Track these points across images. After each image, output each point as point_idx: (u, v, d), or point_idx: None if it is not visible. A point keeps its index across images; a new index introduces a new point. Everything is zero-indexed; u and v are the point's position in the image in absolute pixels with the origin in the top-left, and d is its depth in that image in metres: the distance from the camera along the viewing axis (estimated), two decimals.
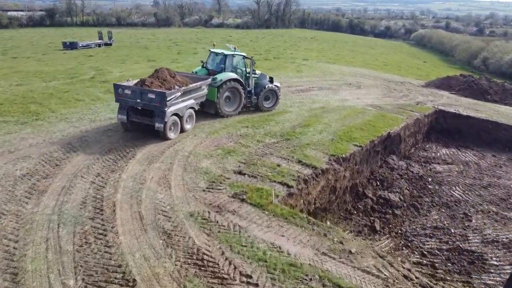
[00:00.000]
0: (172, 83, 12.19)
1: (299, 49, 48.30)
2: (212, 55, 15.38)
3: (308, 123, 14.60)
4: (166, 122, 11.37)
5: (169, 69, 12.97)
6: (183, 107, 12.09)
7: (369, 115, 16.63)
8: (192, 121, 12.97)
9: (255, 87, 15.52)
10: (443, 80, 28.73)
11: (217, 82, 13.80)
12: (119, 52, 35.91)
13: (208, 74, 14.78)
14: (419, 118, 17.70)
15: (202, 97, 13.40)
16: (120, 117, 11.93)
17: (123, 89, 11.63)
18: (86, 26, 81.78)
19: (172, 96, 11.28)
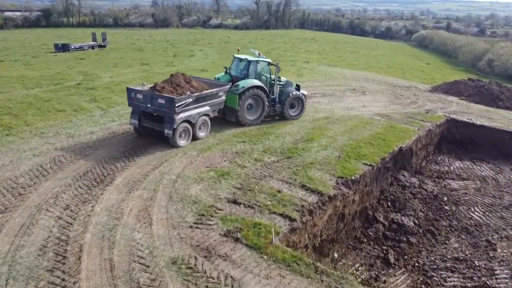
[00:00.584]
0: (186, 88, 11.69)
1: (300, 51, 46.93)
2: (235, 61, 14.85)
3: (312, 136, 13.21)
4: (175, 129, 10.99)
5: (184, 74, 12.46)
6: (195, 114, 11.63)
7: (378, 126, 15.24)
8: (207, 128, 12.47)
9: (280, 94, 14.80)
10: (451, 84, 27.37)
11: (238, 89, 13.17)
12: (112, 55, 34.51)
13: (231, 80, 14.20)
14: (431, 129, 16.33)
15: (219, 104, 12.80)
16: (132, 122, 11.80)
17: (135, 93, 11.40)
18: (83, 27, 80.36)
19: (182, 102, 10.88)
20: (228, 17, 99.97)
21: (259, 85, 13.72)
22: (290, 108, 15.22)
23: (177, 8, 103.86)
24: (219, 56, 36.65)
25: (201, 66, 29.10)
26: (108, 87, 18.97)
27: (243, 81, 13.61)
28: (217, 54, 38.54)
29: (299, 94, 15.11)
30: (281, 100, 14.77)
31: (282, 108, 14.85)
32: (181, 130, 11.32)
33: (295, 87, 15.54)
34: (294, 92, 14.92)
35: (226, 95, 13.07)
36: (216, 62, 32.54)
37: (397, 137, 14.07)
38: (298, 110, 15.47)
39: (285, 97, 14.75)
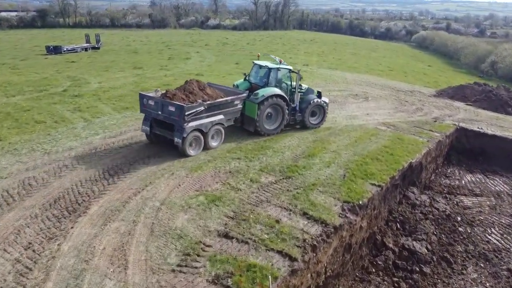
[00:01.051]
0: (199, 96, 11.28)
1: (299, 52, 45.83)
2: (255, 67, 14.24)
3: (313, 151, 12.07)
4: (185, 138, 10.65)
5: (199, 81, 12.03)
6: (207, 123, 11.23)
7: (384, 138, 14.12)
8: (220, 138, 12.01)
9: (300, 102, 14.26)
10: (456, 89, 26.27)
11: (258, 98, 12.63)
12: (105, 57, 33.32)
13: (250, 88, 13.72)
14: (441, 140, 15.22)
15: (235, 113, 12.30)
16: (143, 129, 11.61)
17: (147, 100, 11.18)
18: (79, 28, 79.16)
19: (192, 111, 10.54)
20: (227, 18, 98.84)
21: (280, 93, 13.11)
22: (311, 116, 14.65)
23: (174, 8, 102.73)
24: (216, 59, 35.52)
25: (197, 70, 27.95)
26: (95, 94, 17.81)
27: (263, 89, 13.01)
28: (214, 56, 37.40)
29: (321, 101, 14.53)
30: (302, 108, 14.20)
31: (302, 117, 14.29)
32: (191, 139, 10.95)
33: (316, 94, 14.92)
34: (316, 100, 14.35)
35: (244, 103, 12.57)
36: (212, 65, 31.42)
37: (406, 151, 12.95)
38: (319, 118, 14.90)
39: (306, 105, 14.18)
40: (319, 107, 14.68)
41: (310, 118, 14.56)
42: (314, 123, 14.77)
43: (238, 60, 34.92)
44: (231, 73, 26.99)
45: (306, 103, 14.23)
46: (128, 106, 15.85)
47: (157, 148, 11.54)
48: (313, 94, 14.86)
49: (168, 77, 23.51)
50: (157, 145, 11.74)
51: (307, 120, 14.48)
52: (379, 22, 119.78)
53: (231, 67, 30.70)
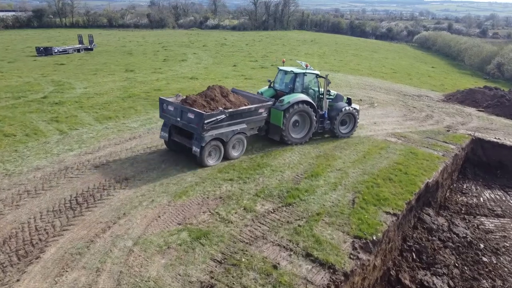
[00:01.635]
0: (221, 103, 10.65)
1: (299, 54, 44.37)
2: (280, 73, 13.58)
3: (317, 170, 10.60)
4: (203, 147, 10.07)
5: (222, 87, 11.33)
6: (229, 132, 10.61)
7: (395, 152, 12.65)
8: (241, 148, 11.33)
9: (329, 110, 13.50)
10: (466, 93, 24.81)
11: (283, 104, 11.94)
12: (97, 59, 31.86)
13: (275, 95, 13.10)
14: (457, 154, 13.75)
15: (259, 121, 11.62)
16: (162, 135, 11.15)
17: (167, 105, 10.75)
18: (76, 28, 77.83)
19: (212, 119, 9.93)
20: (226, 18, 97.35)
21: (307, 100, 12.37)
22: (341, 125, 13.83)
23: (173, 8, 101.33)
24: (213, 61, 34.08)
25: (192, 73, 26.49)
26: (78, 101, 16.35)
27: (288, 95, 12.30)
28: (211, 58, 35.95)
29: (352, 109, 13.68)
30: (331, 116, 13.41)
31: (331, 125, 13.52)
32: (210, 149, 10.36)
33: (346, 101, 14.14)
34: (347, 108, 13.55)
35: (270, 111, 11.90)
36: (209, 67, 29.97)
37: (421, 168, 11.47)
38: (349, 127, 14.04)
39: (336, 113, 13.38)
40: (349, 115, 13.81)
41: (340, 127, 13.69)
42: (344, 132, 13.90)
43: (236, 62, 33.49)
44: (228, 76, 25.56)
45: (336, 111, 13.39)
46: (111, 115, 14.39)
47: (139, 166, 10.09)
48: (343, 101, 14.05)
49: (160, 81, 22.06)
50: (141, 163, 10.29)
51: (337, 129, 13.63)
52: (379, 22, 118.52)
53: (229, 69, 29.26)
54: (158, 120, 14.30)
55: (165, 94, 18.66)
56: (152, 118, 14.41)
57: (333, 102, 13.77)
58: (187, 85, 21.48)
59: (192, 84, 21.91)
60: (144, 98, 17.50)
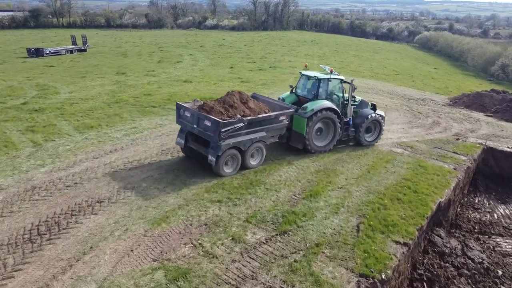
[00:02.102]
0: (240, 110, 10.17)
1: (299, 55, 43.26)
2: (303, 78, 13.03)
3: (316, 188, 9.49)
4: (219, 156, 9.59)
5: (242, 93, 10.85)
6: (247, 140, 10.12)
7: (403, 165, 11.53)
8: (260, 156, 10.82)
9: (353, 116, 12.95)
10: (473, 97, 23.69)
11: (307, 112, 11.48)
12: (89, 61, 30.75)
13: (297, 101, 12.60)
14: (469, 166, 12.63)
15: (280, 129, 11.09)
16: (178, 141, 10.80)
17: (184, 111, 10.39)
18: (73, 28, 76.74)
19: (229, 127, 9.45)
20: (225, 18, 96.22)
21: (331, 106, 11.88)
22: (366, 133, 13.21)
23: (172, 8, 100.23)
24: (210, 62, 32.97)
25: (187, 75, 25.39)
26: (60, 107, 15.24)
27: (312, 102, 11.83)
28: (208, 59, 34.84)
29: (377, 116, 13.09)
30: (356, 123, 12.85)
31: (356, 133, 12.93)
32: (227, 158, 9.85)
33: (371, 106, 13.56)
34: (373, 115, 12.96)
35: (292, 118, 11.43)
36: (205, 69, 28.86)
37: (431, 185, 10.35)
38: (375, 135, 13.45)
39: (361, 120, 12.79)
40: (375, 123, 13.20)
41: (365, 134, 13.10)
42: (369, 140, 13.30)
43: (234, 64, 32.39)
44: (224, 79, 24.45)
45: (361, 118, 12.82)
46: (93, 124, 13.27)
47: (116, 185, 8.97)
48: (367, 107, 13.45)
49: (151, 85, 20.95)
50: (119, 181, 9.17)
51: (362, 137, 13.02)
52: (380, 22, 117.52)
53: (225, 72, 28.15)
54: (144, 129, 13.22)
55: (155, 99, 17.58)
56: (138, 127, 13.31)
57: (358, 109, 13.20)
58: (180, 89, 20.38)
59: (185, 88, 20.80)
60: (132, 104, 16.39)
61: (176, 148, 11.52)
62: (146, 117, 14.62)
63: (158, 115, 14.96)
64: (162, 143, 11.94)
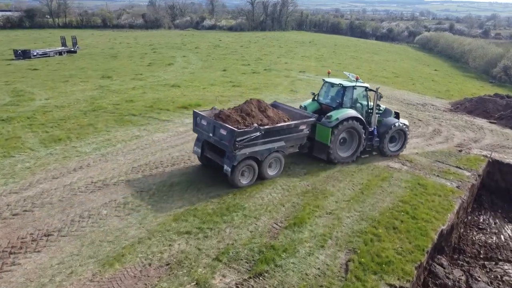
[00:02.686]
0: (257, 119, 9.88)
1: (296, 56, 42.15)
2: (326, 86, 12.58)
3: (301, 214, 8.35)
4: (235, 166, 9.30)
5: (260, 101, 10.55)
6: (264, 150, 9.79)
7: (400, 184, 10.39)
8: (279, 167, 10.45)
9: (377, 125, 12.50)
10: (476, 102, 22.55)
11: (331, 121, 11.11)
12: (77, 63, 29.62)
13: (320, 109, 12.22)
14: (474, 183, 11.50)
15: (300, 139, 10.74)
16: (195, 150, 10.58)
17: (200, 119, 10.12)
18: (69, 28, 75.75)
19: (245, 136, 9.14)
20: (224, 18, 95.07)
21: (356, 116, 11.49)
22: (390, 143, 12.76)
23: (170, 8, 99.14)
24: (202, 65, 31.84)
25: (176, 79, 24.25)
26: (31, 116, 14.11)
27: (336, 111, 11.40)
28: (201, 61, 33.73)
29: (402, 125, 12.66)
30: (380, 132, 12.40)
31: (380, 143, 12.48)
32: (243, 168, 9.53)
33: (394, 115, 13.17)
34: (397, 124, 12.53)
35: (315, 127, 11.18)
36: (196, 72, 27.73)
37: (432, 209, 9.21)
38: (399, 145, 12.99)
39: (386, 129, 12.36)
40: (399, 132, 12.76)
41: (389, 144, 12.68)
42: (393, 150, 12.86)
43: (227, 66, 31.27)
44: (215, 83, 23.32)
45: (385, 127, 12.41)
46: (62, 136, 12.13)
47: (71, 213, 7.84)
48: (391, 115, 13.06)
49: (136, 90, 19.82)
50: (76, 208, 8.04)
51: (386, 147, 12.59)
52: (380, 22, 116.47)
53: (217, 75, 27.02)
54: (118, 142, 12.09)
55: (137, 106, 16.46)
56: (111, 139, 12.18)
57: (382, 117, 12.80)
58: (166, 94, 19.25)
59: (171, 93, 19.68)
60: (110, 112, 15.27)
61: (148, 165, 10.41)
62: (123, 127, 13.49)
63: (136, 125, 13.84)
64: (135, 159, 10.82)
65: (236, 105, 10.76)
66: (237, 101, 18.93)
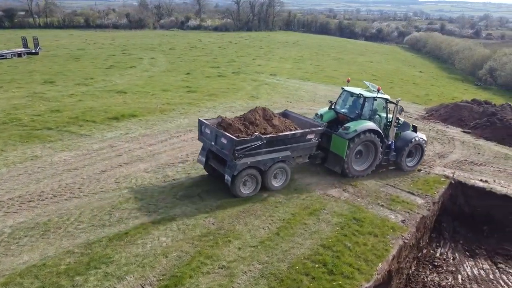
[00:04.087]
0: (261, 127, 9.59)
1: (273, 58, 40.23)
2: (345, 95, 12.05)
3: (183, 270, 6.43)
4: (235, 176, 8.97)
5: (265, 109, 10.29)
6: (268, 160, 9.49)
7: (330, 220, 8.49)
8: (284, 177, 10.10)
9: (395, 139, 12.09)
10: (451, 109, 20.79)
11: (349, 133, 10.64)
12: (28, 67, 27.42)
13: (336, 118, 11.90)
14: (425, 216, 9.63)
15: (308, 149, 10.44)
16: (199, 159, 10.44)
17: (204, 127, 9.93)
18: (51, 28, 73.34)
19: (245, 145, 8.82)
20: (211, 18, 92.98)
21: (375, 128, 11.03)
22: (407, 157, 12.22)
23: (156, 8, 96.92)
24: (167, 67, 29.82)
25: (127, 84, 22.22)
26: None
27: (355, 122, 10.90)
28: (168, 64, 31.71)
29: (420, 139, 12.19)
30: (398, 147, 11.91)
31: (397, 157, 11.97)
32: (244, 178, 9.35)
33: (412, 129, 12.65)
34: (416, 138, 12.08)
35: (332, 138, 10.84)
36: (155, 76, 25.73)
37: (361, 257, 7.31)
38: (416, 160, 12.50)
39: (404, 144, 11.87)
40: (417, 147, 12.27)
41: (406, 159, 12.14)
42: (410, 165, 12.33)
43: (194, 69, 29.31)
44: (168, 89, 21.33)
45: (403, 141, 11.93)
46: None
47: None
48: (409, 129, 12.54)
49: (72, 98, 17.82)
50: None
51: (404, 162, 12.04)
52: (371, 22, 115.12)
53: (178, 79, 25.07)
54: (5, 165, 10.10)
55: (60, 117, 14.43)
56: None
57: (399, 131, 12.32)
58: (103, 102, 17.27)
59: (111, 101, 17.70)
60: (23, 126, 13.28)
61: (20, 198, 8.45)
62: (25, 145, 11.53)
63: (44, 142, 11.88)
64: (10, 189, 8.87)
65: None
66: (182, 110, 17.06)
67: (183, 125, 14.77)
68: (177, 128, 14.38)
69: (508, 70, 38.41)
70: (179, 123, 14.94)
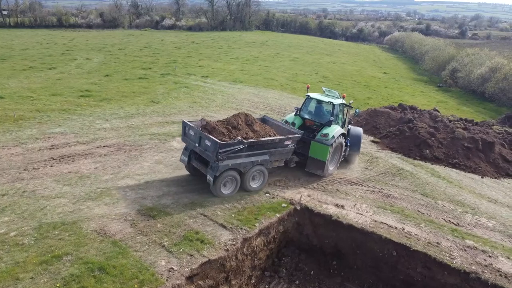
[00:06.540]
0: (243, 132, 10.03)
1: (224, 59, 38.22)
2: (311, 101, 12.87)
3: None
4: (217, 177, 9.54)
5: (248, 115, 10.70)
6: (247, 163, 9.95)
7: (59, 273, 6.55)
8: (262, 179, 10.59)
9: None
10: (368, 115, 18.92)
11: (329, 139, 11.49)
12: None
13: (303, 124, 12.46)
14: (214, 259, 7.63)
15: (285, 154, 10.91)
16: (182, 158, 10.87)
17: (188, 129, 10.32)
18: (21, 28, 70.92)
19: (228, 148, 9.29)
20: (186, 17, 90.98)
21: (344, 132, 12.43)
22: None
23: (133, 7, 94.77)
24: (92, 69, 27.71)
25: (19, 88, 20.10)
26: None
27: (329, 128, 11.79)
28: (98, 65, 29.64)
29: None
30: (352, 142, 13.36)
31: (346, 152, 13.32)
32: (225, 179, 9.78)
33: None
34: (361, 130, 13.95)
35: (310, 144, 11.59)
36: (63, 79, 23.55)
37: None
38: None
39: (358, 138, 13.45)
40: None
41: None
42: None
43: (119, 71, 27.24)
44: (61, 93, 19.27)
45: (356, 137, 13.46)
46: None
47: None
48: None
49: None
50: None
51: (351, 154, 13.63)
52: (357, 22, 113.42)
53: (88, 81, 23.00)
54: None
55: None
56: None
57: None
58: None
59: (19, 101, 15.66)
60: None
61: None
62: None
63: None
64: None
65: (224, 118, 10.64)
66: (46, 118, 15.01)
67: (23, 137, 12.79)
68: (12, 141, 12.40)
69: (467, 71, 36.59)
70: (18, 135, 12.95)
